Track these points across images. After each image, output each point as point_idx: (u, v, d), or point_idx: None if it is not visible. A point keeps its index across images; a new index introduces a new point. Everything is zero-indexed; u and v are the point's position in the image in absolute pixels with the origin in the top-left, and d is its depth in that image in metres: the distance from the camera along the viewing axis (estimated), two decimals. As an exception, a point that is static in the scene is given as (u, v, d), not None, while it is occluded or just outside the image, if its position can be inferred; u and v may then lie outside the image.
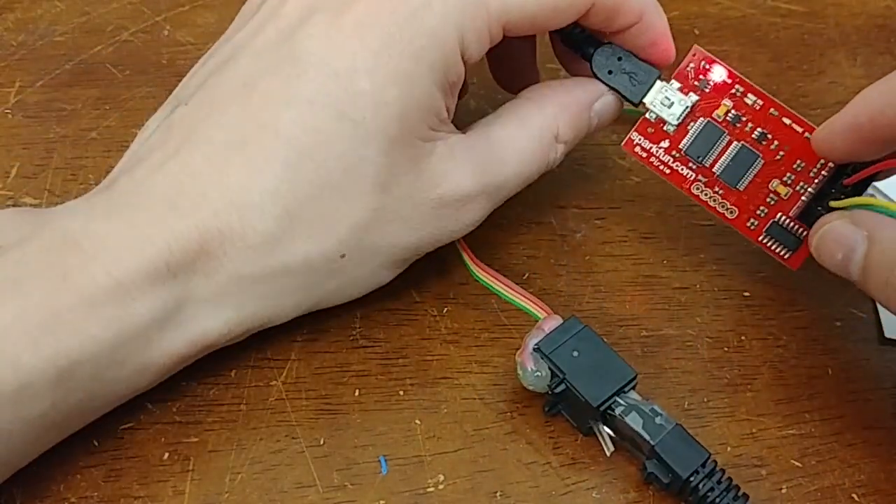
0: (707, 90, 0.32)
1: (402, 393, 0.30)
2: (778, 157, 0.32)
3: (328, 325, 0.32)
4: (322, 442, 0.29)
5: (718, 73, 0.33)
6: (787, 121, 0.32)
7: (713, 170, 0.32)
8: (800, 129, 0.32)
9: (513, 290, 0.32)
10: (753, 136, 0.32)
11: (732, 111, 0.32)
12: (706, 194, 0.32)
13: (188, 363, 0.29)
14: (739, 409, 0.31)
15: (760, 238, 0.32)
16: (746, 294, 0.34)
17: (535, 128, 0.31)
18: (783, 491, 0.29)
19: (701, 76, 0.33)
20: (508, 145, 0.31)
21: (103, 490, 0.28)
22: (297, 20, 0.28)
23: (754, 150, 0.32)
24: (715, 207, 0.32)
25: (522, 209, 0.36)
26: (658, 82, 0.32)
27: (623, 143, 0.33)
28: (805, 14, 0.45)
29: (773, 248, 0.32)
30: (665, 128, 0.32)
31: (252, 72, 0.28)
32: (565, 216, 0.36)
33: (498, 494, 0.28)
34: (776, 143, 0.32)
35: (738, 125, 0.32)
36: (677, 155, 0.32)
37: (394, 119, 0.28)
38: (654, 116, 0.32)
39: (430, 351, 0.32)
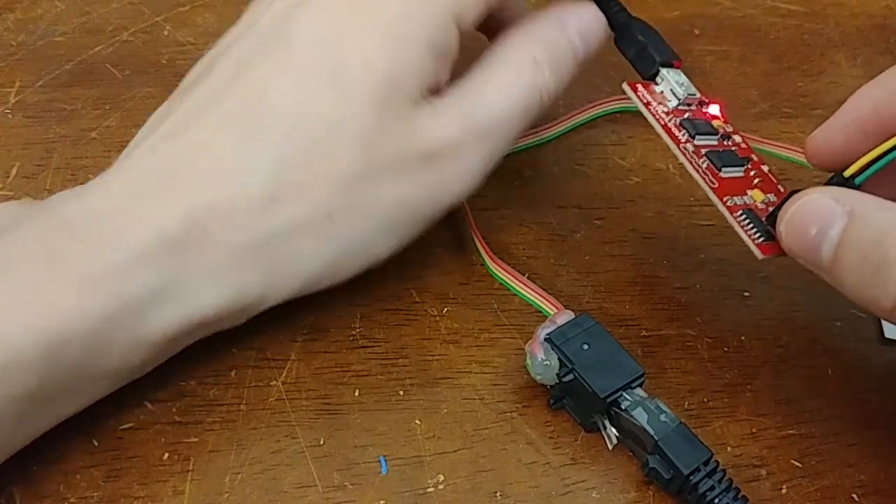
0: (704, 110, 0.33)
1: (402, 393, 0.31)
2: (755, 182, 0.32)
3: (328, 325, 0.32)
4: (322, 442, 0.29)
5: (715, 109, 0.33)
6: (765, 168, 0.33)
7: (702, 149, 0.31)
8: (774, 181, 0.32)
9: (527, 286, 0.33)
10: (740, 157, 0.32)
11: (724, 132, 0.33)
12: (693, 160, 0.31)
13: (182, 345, 0.29)
14: (739, 409, 0.31)
15: (736, 214, 0.30)
16: (746, 294, 0.34)
17: (512, 59, 0.31)
18: (783, 491, 0.29)
19: (697, 105, 0.33)
20: (490, 83, 0.30)
21: (103, 490, 0.28)
22: (292, 6, 0.29)
23: (741, 159, 0.32)
24: (700, 170, 0.31)
25: (522, 209, 0.36)
26: (674, 68, 0.32)
27: (626, 83, 0.32)
28: (805, 14, 0.45)
29: (747, 228, 0.30)
30: (668, 102, 0.32)
31: (247, 54, 0.29)
32: (565, 216, 0.36)
33: (498, 494, 0.28)
34: (755, 171, 0.32)
35: (729, 142, 0.32)
36: (673, 120, 0.32)
37: (381, 82, 0.28)
38: (661, 90, 0.32)
39: (430, 351, 0.32)
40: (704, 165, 0.31)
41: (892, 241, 0.25)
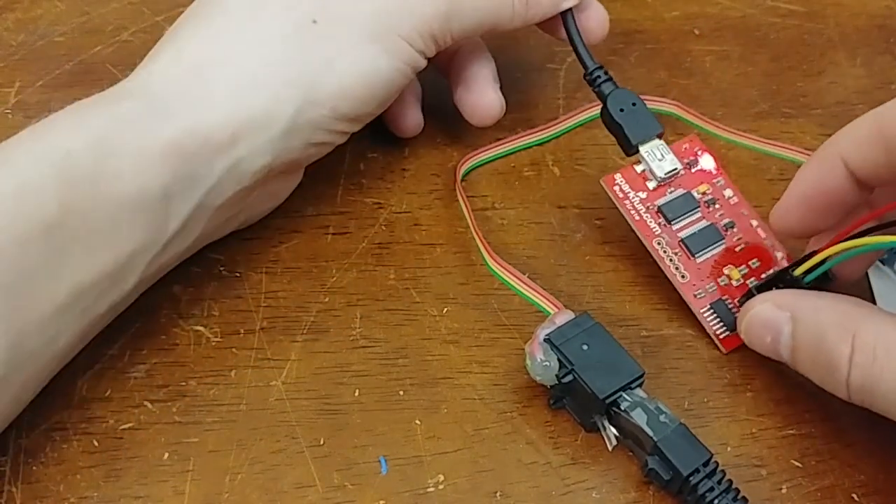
0: (693, 171, 0.34)
1: (402, 393, 0.31)
2: (738, 248, 0.33)
3: (328, 325, 0.32)
4: (322, 442, 0.29)
5: (707, 162, 0.34)
6: (754, 223, 0.34)
7: (679, 234, 0.33)
8: (763, 235, 0.33)
9: (527, 285, 0.33)
10: (722, 222, 0.33)
11: (710, 195, 0.34)
12: (665, 252, 0.33)
13: (187, 164, 0.28)
14: (739, 409, 0.31)
15: (703, 310, 0.32)
16: (746, 294, 0.34)
17: None
18: (783, 491, 0.29)
19: (691, 157, 0.34)
20: None
21: (103, 490, 0.28)
22: None
23: (720, 232, 0.33)
24: (669, 267, 0.32)
25: (522, 209, 0.36)
26: (657, 139, 0.33)
27: (604, 178, 0.33)
28: (805, 14, 0.45)
29: (711, 323, 0.32)
30: (648, 183, 0.33)
31: None
32: (565, 216, 0.36)
33: (498, 494, 0.28)
34: (740, 235, 0.33)
35: (712, 208, 0.34)
36: (651, 207, 0.33)
37: None
38: (642, 169, 0.33)
39: (430, 351, 0.32)
40: (678, 257, 0.33)
41: (829, 343, 0.27)
